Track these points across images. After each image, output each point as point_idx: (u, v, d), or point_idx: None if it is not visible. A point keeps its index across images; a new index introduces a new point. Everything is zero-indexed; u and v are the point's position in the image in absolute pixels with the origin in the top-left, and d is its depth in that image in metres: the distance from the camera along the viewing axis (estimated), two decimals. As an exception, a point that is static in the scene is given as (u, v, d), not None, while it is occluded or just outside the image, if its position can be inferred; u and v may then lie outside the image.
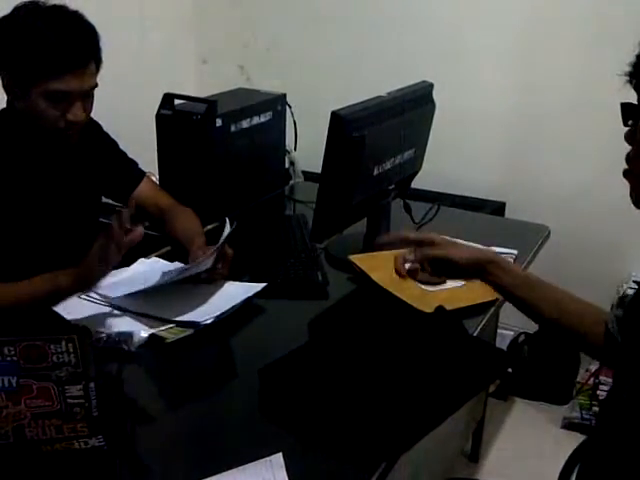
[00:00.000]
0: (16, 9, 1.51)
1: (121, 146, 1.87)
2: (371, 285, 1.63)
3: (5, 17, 1.51)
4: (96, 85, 1.58)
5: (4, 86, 1.55)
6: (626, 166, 1.05)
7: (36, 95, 1.51)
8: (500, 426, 2.63)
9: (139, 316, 1.51)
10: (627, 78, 1.01)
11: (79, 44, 1.49)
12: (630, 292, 2.38)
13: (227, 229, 1.60)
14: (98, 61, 1.57)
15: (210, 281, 1.65)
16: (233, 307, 1.55)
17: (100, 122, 1.80)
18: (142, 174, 1.89)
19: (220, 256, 1.63)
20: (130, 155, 1.88)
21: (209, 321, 1.49)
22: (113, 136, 1.85)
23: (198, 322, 1.49)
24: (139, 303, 1.54)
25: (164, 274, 1.58)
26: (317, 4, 2.94)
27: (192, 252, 1.64)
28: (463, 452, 2.46)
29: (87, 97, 1.58)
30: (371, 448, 1.14)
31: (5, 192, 1.58)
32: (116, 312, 1.52)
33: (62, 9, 1.52)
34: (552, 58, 2.59)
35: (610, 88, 1.05)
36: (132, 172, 1.87)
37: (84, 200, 1.75)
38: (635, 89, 1.01)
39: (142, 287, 1.57)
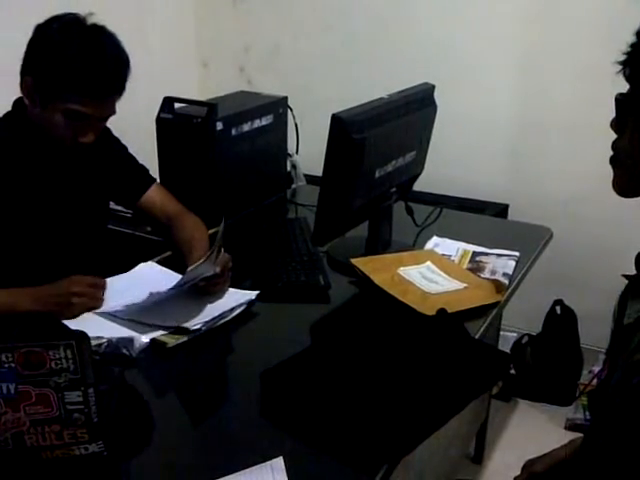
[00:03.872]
0: (56, 18, 1.52)
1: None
2: (373, 288, 1.63)
3: (44, 24, 1.52)
4: (114, 112, 1.60)
5: (25, 89, 1.55)
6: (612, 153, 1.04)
7: (55, 108, 1.52)
8: (503, 428, 2.63)
9: (128, 322, 1.49)
10: (620, 67, 0.99)
11: (110, 75, 1.52)
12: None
13: (221, 229, 1.56)
14: (123, 92, 1.58)
15: (211, 293, 1.60)
16: (224, 313, 1.54)
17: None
18: (151, 180, 1.87)
19: (220, 262, 1.58)
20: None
21: (198, 326, 1.48)
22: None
23: (187, 328, 1.47)
24: (129, 309, 1.52)
25: (152, 295, 1.53)
26: (318, 7, 2.94)
27: (189, 262, 1.61)
28: (466, 454, 2.45)
29: (103, 122, 1.61)
30: (372, 451, 1.13)
31: (11, 196, 1.58)
32: (116, 318, 1.50)
33: (101, 31, 1.53)
34: (556, 61, 2.58)
35: (614, 90, 1.04)
36: (140, 178, 1.86)
37: (91, 205, 1.75)
38: (627, 79, 0.99)
39: (140, 299, 1.53)
